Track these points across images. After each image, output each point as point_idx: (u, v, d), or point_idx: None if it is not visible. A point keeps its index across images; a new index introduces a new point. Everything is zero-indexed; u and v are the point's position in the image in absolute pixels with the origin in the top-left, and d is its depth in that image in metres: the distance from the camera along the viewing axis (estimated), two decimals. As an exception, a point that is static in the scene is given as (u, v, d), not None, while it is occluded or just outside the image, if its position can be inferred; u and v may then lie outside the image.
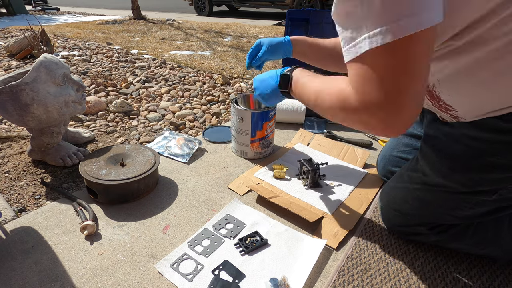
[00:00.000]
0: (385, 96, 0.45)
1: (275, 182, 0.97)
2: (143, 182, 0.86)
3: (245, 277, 0.65)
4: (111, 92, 1.70)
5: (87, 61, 2.38)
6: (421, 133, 0.85)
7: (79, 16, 6.25)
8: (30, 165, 1.02)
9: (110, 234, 0.76)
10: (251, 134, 1.04)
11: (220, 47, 3.08)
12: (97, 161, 0.90)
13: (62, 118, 0.94)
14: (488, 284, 0.66)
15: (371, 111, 0.47)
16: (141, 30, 4.08)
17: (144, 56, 2.60)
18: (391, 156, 0.93)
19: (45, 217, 0.80)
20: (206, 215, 0.83)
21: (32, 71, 0.85)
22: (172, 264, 0.67)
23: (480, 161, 0.60)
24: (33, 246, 0.72)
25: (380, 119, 0.47)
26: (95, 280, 0.64)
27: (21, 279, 0.64)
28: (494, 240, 0.69)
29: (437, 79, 0.59)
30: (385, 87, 0.45)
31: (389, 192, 0.78)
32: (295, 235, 0.76)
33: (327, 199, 0.89)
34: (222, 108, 1.58)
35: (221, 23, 4.99)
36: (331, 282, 0.65)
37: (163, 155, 1.10)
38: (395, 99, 0.45)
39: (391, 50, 0.43)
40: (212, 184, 0.97)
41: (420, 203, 0.70)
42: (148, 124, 1.37)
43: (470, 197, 0.64)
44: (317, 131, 1.31)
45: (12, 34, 3.53)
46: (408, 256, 0.72)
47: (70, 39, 3.31)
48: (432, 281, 0.66)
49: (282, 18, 5.95)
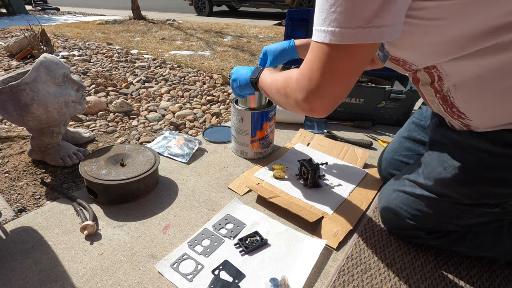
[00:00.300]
0: (313, 85, 0.53)
1: (275, 182, 0.97)
2: (143, 182, 0.86)
3: (245, 277, 0.65)
4: (111, 92, 1.70)
5: (87, 61, 2.38)
6: (424, 138, 0.84)
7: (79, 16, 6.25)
8: (30, 165, 1.02)
9: (110, 234, 0.76)
10: (251, 134, 1.04)
11: (220, 47, 3.08)
12: (97, 161, 0.90)
13: (62, 118, 0.94)
14: (488, 284, 0.66)
15: (301, 93, 0.56)
16: (141, 30, 4.08)
17: (144, 56, 2.60)
18: (393, 159, 0.92)
19: (45, 217, 0.80)
20: (206, 215, 0.83)
21: (32, 71, 0.85)
22: (172, 264, 0.67)
23: (488, 175, 0.58)
24: (33, 246, 0.72)
25: (306, 101, 0.55)
26: (95, 280, 0.64)
27: (21, 279, 0.64)
28: (494, 244, 0.68)
29: (453, 83, 0.55)
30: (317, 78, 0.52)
31: (388, 195, 0.77)
32: (295, 235, 0.76)
33: (327, 199, 0.89)
34: (222, 108, 1.58)
35: (221, 23, 4.99)
36: (331, 282, 0.65)
37: (163, 155, 1.10)
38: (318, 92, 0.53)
39: (343, 50, 0.48)
40: (212, 184, 0.97)
41: (420, 210, 0.69)
42: (148, 124, 1.37)
43: (472, 208, 0.63)
44: (317, 131, 1.31)
45: (12, 34, 3.53)
46: (408, 256, 0.72)
47: (70, 39, 3.31)
48: (432, 281, 0.66)
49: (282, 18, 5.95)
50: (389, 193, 0.77)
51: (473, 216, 0.64)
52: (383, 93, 1.28)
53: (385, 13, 0.43)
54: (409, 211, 0.71)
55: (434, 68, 0.56)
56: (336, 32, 0.46)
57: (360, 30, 0.44)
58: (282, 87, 0.63)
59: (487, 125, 0.56)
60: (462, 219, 0.66)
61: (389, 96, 1.28)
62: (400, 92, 1.27)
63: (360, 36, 0.45)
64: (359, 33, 0.45)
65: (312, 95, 0.54)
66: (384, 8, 0.43)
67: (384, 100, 1.30)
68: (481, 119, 0.56)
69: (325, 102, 0.54)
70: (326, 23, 0.47)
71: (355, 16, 0.44)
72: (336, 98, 0.54)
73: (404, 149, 0.90)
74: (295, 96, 0.58)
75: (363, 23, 0.44)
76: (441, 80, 0.57)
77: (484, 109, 0.55)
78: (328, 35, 0.47)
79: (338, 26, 0.45)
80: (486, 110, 0.55)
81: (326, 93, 0.53)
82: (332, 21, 0.46)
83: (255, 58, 2.68)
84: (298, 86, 0.56)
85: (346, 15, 0.44)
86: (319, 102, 0.54)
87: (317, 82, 0.52)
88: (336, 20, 0.45)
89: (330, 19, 0.46)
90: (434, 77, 0.57)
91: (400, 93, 1.27)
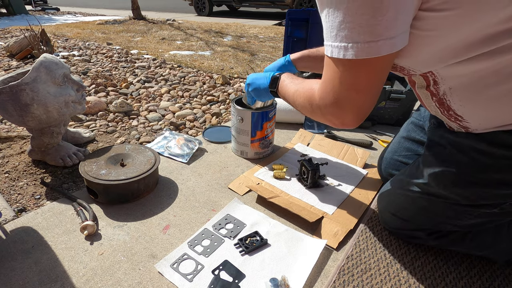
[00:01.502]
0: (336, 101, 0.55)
1: (275, 182, 0.97)
2: (143, 182, 0.86)
3: (245, 277, 0.65)
4: (111, 92, 1.70)
5: (87, 61, 2.38)
6: (424, 139, 0.84)
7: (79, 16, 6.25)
8: (30, 165, 1.02)
9: (110, 234, 0.76)
10: (251, 134, 1.04)
11: (220, 47, 3.08)
12: (97, 161, 0.90)
13: (62, 118, 0.94)
14: (488, 284, 0.66)
15: (327, 109, 0.58)
16: (141, 30, 4.08)
17: (144, 56, 2.60)
18: (392, 159, 0.92)
19: (45, 217, 0.80)
20: (206, 215, 0.83)
21: (32, 71, 0.85)
22: (172, 264, 0.67)
23: (484, 176, 0.58)
24: (33, 246, 0.72)
25: (334, 116, 0.58)
26: (95, 280, 0.64)
27: (21, 279, 0.64)
28: (493, 244, 0.68)
29: (449, 87, 0.55)
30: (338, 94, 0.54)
31: (387, 196, 0.77)
32: (295, 235, 0.76)
33: (327, 199, 0.89)
34: (222, 108, 1.58)
35: (221, 23, 4.99)
36: (331, 282, 0.65)
37: (163, 155, 1.10)
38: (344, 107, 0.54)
39: (358, 65, 0.49)
40: (212, 184, 0.97)
41: (418, 211, 0.69)
42: (148, 124, 1.37)
43: (471, 209, 0.63)
44: (317, 131, 1.31)
45: (12, 34, 3.53)
46: (408, 256, 0.72)
47: (70, 39, 3.31)
48: (432, 281, 0.66)
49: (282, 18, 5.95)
50: (388, 194, 0.77)
51: (472, 217, 0.64)
52: (383, 93, 1.28)
53: (396, 23, 0.44)
54: (408, 211, 0.71)
55: (430, 73, 0.56)
56: (348, 47, 0.47)
57: (372, 44, 0.45)
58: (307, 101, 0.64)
59: (484, 127, 0.56)
60: (461, 220, 0.65)
61: (389, 96, 1.28)
62: (400, 92, 1.27)
63: (373, 50, 0.46)
64: (371, 47, 0.45)
65: (339, 111, 0.56)
66: (395, 18, 0.44)
67: (384, 100, 1.30)
68: (478, 121, 0.56)
69: (353, 115, 0.55)
70: (338, 39, 0.48)
71: (366, 31, 0.45)
72: (365, 109, 0.55)
73: (404, 149, 0.90)
74: (321, 112, 0.60)
75: (375, 37, 0.45)
76: (436, 84, 0.57)
77: (481, 112, 0.55)
78: (342, 51, 0.48)
79: (350, 42, 0.46)
80: (482, 113, 0.55)
81: (352, 107, 0.54)
82: (343, 37, 0.47)
83: (255, 58, 2.68)
84: (322, 103, 0.58)
85: (356, 31, 0.45)
86: (347, 117, 0.56)
87: (340, 99, 0.54)
88: (348, 37, 0.46)
89: (341, 35, 0.47)
90: (429, 81, 0.58)
91: (400, 93, 1.27)
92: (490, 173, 0.57)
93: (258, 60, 2.62)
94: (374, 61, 0.47)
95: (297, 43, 1.61)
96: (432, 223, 0.69)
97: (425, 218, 0.69)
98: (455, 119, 0.60)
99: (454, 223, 0.67)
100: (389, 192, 0.77)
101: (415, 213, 0.70)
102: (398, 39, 0.46)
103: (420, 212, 0.69)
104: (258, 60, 2.62)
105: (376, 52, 0.46)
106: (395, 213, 0.73)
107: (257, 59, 2.65)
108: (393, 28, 0.44)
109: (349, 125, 0.57)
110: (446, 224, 0.68)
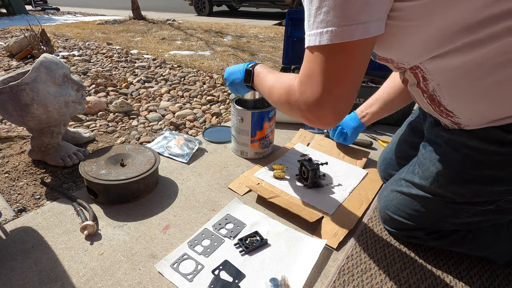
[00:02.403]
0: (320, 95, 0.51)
1: (275, 182, 0.97)
2: (143, 182, 0.86)
3: (245, 277, 0.65)
4: (111, 92, 1.70)
5: (87, 61, 2.38)
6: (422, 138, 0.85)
7: (79, 16, 6.25)
8: (30, 165, 1.02)
9: (110, 234, 0.76)
10: (251, 134, 1.04)
11: (220, 47, 3.08)
12: (97, 161, 0.90)
13: (62, 118, 0.94)
14: (488, 284, 0.66)
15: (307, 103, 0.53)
16: (141, 30, 4.08)
17: (144, 56, 2.60)
18: (391, 159, 0.92)
19: (45, 217, 0.80)
20: (206, 215, 0.83)
21: (32, 71, 0.85)
22: (172, 264, 0.67)
23: (477, 173, 0.59)
24: (33, 246, 0.72)
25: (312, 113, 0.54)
26: (95, 280, 0.64)
27: (21, 279, 0.64)
28: (493, 245, 0.69)
29: (437, 83, 0.56)
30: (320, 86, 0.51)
31: (386, 196, 0.77)
32: (295, 235, 0.76)
33: (327, 199, 0.89)
34: (222, 108, 1.58)
35: (221, 23, 4.99)
36: (331, 282, 0.65)
37: (163, 155, 1.10)
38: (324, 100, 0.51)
39: (335, 51, 0.48)
40: (212, 184, 0.97)
41: (417, 210, 0.70)
42: (148, 124, 1.37)
43: (467, 207, 0.63)
44: (317, 131, 1.31)
45: (12, 34, 3.53)
46: (408, 256, 0.72)
47: (70, 39, 3.31)
48: (432, 281, 0.66)
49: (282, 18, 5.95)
50: (387, 194, 0.77)
51: (469, 214, 0.64)
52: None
53: (368, 8, 0.44)
54: (406, 211, 0.71)
55: (418, 69, 0.57)
56: (323, 32, 0.47)
57: (346, 28, 0.45)
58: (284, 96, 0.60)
59: (476, 123, 0.57)
60: (458, 218, 0.66)
61: (389, 96, 1.28)
62: (400, 92, 1.27)
63: (346, 34, 0.45)
64: (345, 31, 0.45)
65: (318, 106, 0.52)
66: (367, 3, 0.44)
67: (384, 100, 1.30)
68: (469, 117, 0.57)
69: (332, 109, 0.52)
70: (315, 26, 0.48)
71: (340, 15, 0.45)
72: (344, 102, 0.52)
73: (403, 149, 0.90)
74: (298, 107, 0.56)
75: (348, 21, 0.45)
76: (425, 80, 0.58)
77: (470, 107, 0.56)
78: (318, 37, 0.48)
79: (325, 27, 0.46)
80: (472, 108, 0.56)
81: (332, 98, 0.51)
82: (319, 23, 0.47)
83: (255, 58, 2.68)
84: (302, 97, 0.54)
85: (331, 15, 0.45)
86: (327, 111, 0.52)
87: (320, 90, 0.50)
88: (323, 22, 0.46)
89: (317, 21, 0.47)
90: (419, 77, 0.59)
91: (400, 93, 1.27)
92: (482, 169, 0.58)
93: (258, 60, 2.62)
94: (350, 46, 0.47)
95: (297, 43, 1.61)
96: (430, 222, 0.69)
97: (423, 217, 0.69)
98: (446, 115, 0.60)
99: (451, 221, 0.67)
100: (388, 192, 0.77)
101: (413, 212, 0.70)
102: (372, 25, 0.46)
103: (418, 212, 0.69)
104: (258, 60, 2.62)
105: (349, 36, 0.45)
106: (394, 213, 0.74)
107: (257, 59, 2.65)
108: (365, 12, 0.44)
109: (328, 119, 0.54)
110: (444, 222, 0.68)
